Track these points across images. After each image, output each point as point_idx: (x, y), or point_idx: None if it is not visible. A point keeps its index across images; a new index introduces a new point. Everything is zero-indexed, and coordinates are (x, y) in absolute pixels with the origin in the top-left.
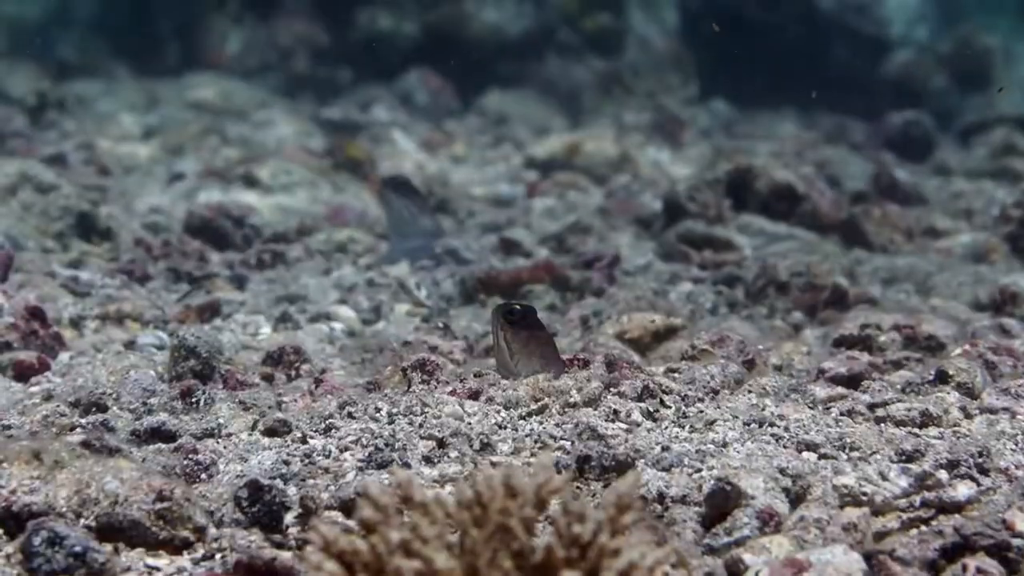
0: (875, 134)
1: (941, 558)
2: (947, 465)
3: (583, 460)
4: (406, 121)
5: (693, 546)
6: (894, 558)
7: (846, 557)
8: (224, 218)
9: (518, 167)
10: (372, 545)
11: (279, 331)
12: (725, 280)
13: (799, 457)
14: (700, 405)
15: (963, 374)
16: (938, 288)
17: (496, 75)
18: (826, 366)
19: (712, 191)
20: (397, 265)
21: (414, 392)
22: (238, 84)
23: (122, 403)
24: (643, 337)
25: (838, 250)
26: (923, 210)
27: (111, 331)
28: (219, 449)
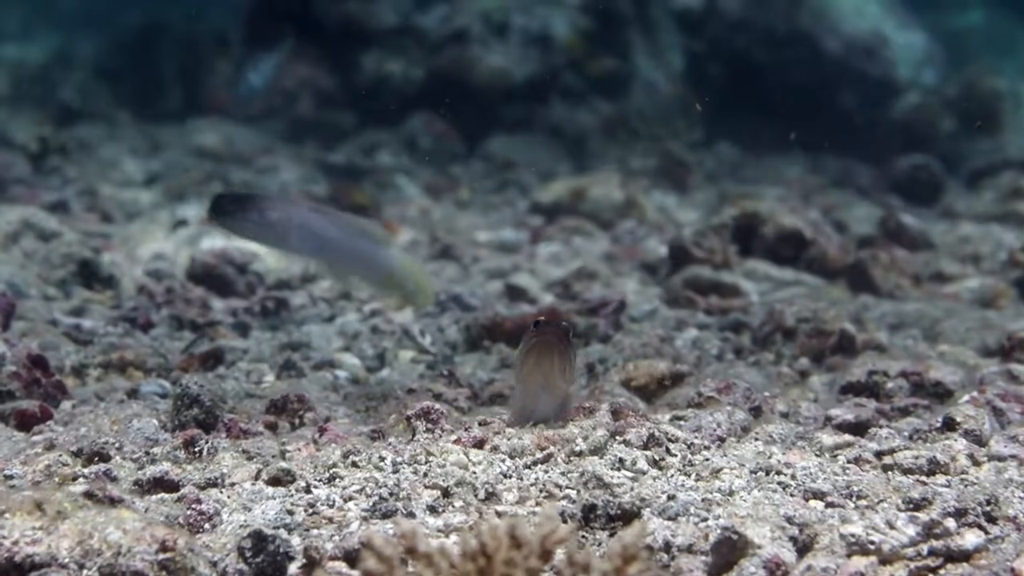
0: (882, 178)
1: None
2: (955, 513)
3: (589, 509)
4: (410, 166)
5: None
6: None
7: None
8: (227, 265)
9: (523, 212)
10: None
11: (283, 379)
12: (731, 326)
13: (806, 505)
14: (706, 453)
15: (971, 421)
16: (946, 334)
17: (501, 119)
18: (833, 413)
19: (718, 236)
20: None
21: (418, 441)
22: (241, 129)
23: (125, 452)
24: (649, 384)
25: (845, 296)
26: (930, 255)
27: (114, 379)
28: (222, 499)
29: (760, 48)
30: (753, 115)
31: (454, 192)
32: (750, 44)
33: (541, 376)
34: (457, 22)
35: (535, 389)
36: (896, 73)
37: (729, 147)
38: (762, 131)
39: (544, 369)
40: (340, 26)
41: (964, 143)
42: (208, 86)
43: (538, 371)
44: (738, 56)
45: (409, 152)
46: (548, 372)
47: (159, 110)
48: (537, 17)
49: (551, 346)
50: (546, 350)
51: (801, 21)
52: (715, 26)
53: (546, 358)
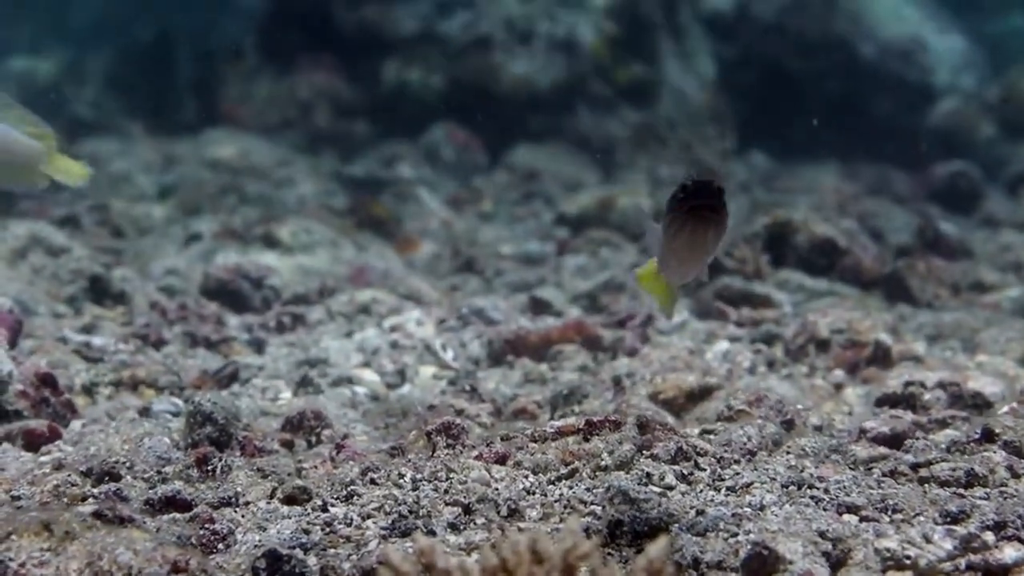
0: (920, 186)
1: None
2: (994, 526)
3: (614, 525)
4: (432, 178)
5: None
6: None
7: None
8: (242, 280)
9: (548, 224)
10: None
11: (299, 396)
12: (763, 338)
13: (839, 520)
14: (736, 467)
15: (1010, 432)
16: (985, 344)
17: (525, 129)
18: (868, 425)
19: (750, 246)
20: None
21: (439, 457)
22: (257, 141)
23: (136, 472)
24: (678, 398)
25: (881, 306)
26: (969, 264)
27: (125, 398)
28: (236, 518)
29: (794, 54)
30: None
31: (477, 204)
32: (783, 50)
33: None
34: (480, 28)
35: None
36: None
37: (762, 155)
38: (796, 139)
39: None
40: (358, 34)
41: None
42: (223, 97)
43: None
44: (771, 62)
45: (431, 163)
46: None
47: (173, 122)
48: (562, 23)
49: (707, 222)
50: (701, 228)
51: (836, 26)
52: (747, 31)
53: (700, 235)
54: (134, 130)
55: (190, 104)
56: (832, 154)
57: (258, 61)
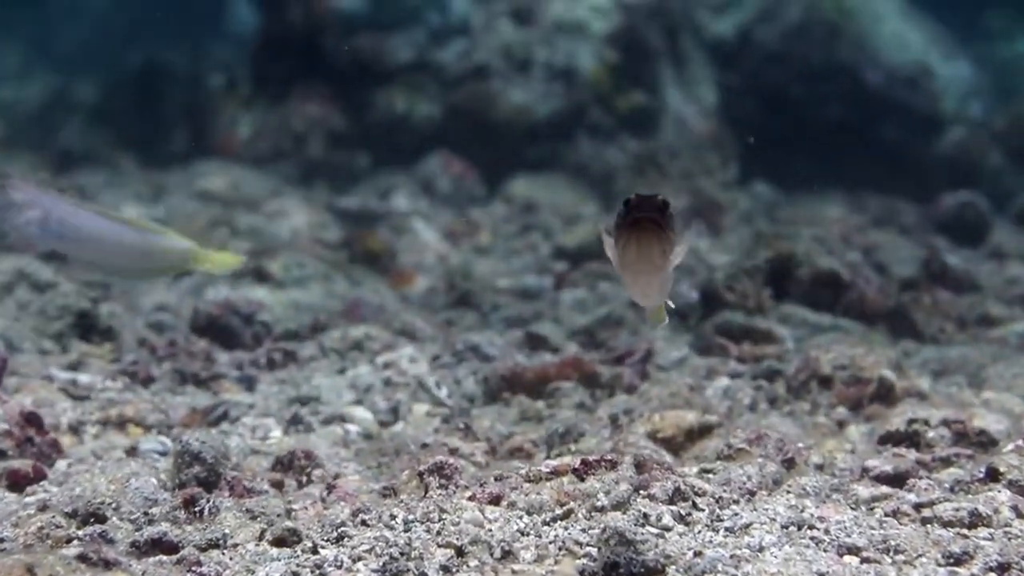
0: (927, 217)
1: None
2: (997, 568)
3: (610, 567)
4: (427, 209)
5: None
6: None
7: None
8: (232, 315)
9: (546, 257)
10: None
11: (290, 434)
12: (765, 374)
13: (840, 561)
14: (735, 507)
15: (1015, 471)
16: (992, 380)
17: (523, 159)
18: (870, 464)
19: (751, 280)
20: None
21: (431, 498)
22: (249, 172)
23: (122, 513)
24: (676, 436)
25: (885, 341)
26: (976, 297)
27: (112, 437)
28: (224, 560)
29: (797, 81)
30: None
31: (474, 236)
32: (787, 77)
33: (641, 264)
34: (476, 57)
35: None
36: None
37: (765, 186)
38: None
39: (644, 259)
40: (352, 63)
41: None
42: (214, 128)
43: (640, 263)
44: (774, 90)
45: (426, 194)
46: (648, 261)
47: (163, 154)
48: (561, 50)
49: (650, 234)
50: (645, 240)
51: (840, 53)
52: (750, 59)
53: (644, 247)
54: (123, 162)
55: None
56: (837, 184)
57: (250, 91)
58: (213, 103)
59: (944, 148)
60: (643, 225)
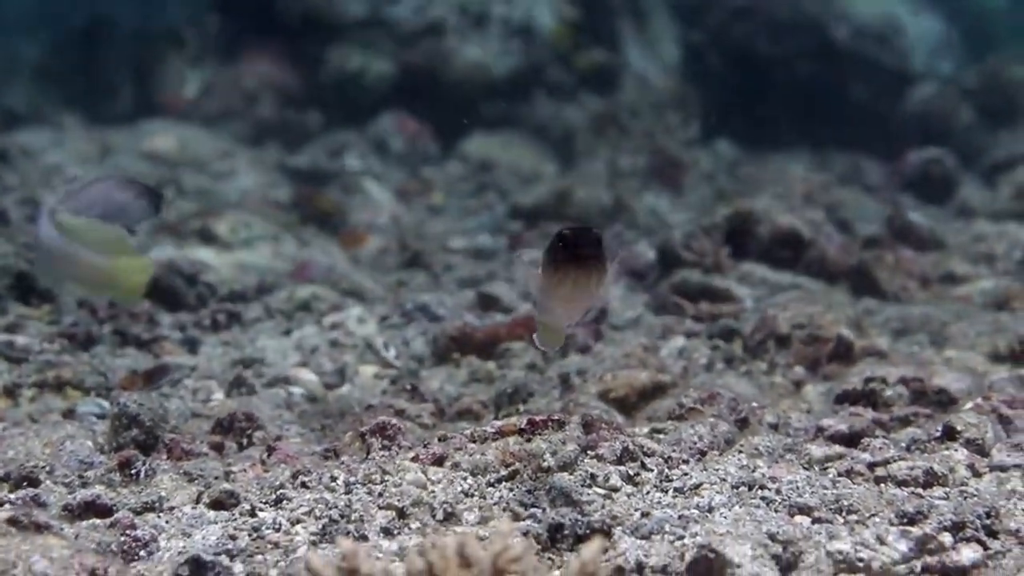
0: (893, 174)
1: None
2: (952, 527)
3: (555, 529)
4: (380, 169)
5: None
6: None
7: None
8: (176, 276)
9: (502, 217)
10: None
11: (233, 397)
12: (721, 334)
13: (791, 521)
14: (685, 468)
15: (972, 430)
16: (954, 338)
17: (480, 117)
18: (825, 424)
19: (709, 238)
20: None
21: (373, 459)
22: (197, 131)
23: (56, 476)
24: (629, 396)
25: (847, 299)
26: (940, 255)
27: (49, 399)
28: (160, 523)
29: (763, 37)
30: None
31: (427, 196)
32: (752, 33)
33: (574, 298)
34: (431, 13)
35: (570, 309)
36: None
37: (728, 144)
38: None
39: (579, 292)
40: (303, 19)
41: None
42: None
43: (575, 297)
44: (739, 46)
45: (379, 154)
46: (584, 295)
47: (109, 113)
48: (519, 6)
49: (589, 270)
50: (583, 275)
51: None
52: (714, 14)
53: (581, 282)
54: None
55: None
56: (803, 142)
57: (199, 49)
58: (160, 61)
59: (913, 105)
60: (582, 261)
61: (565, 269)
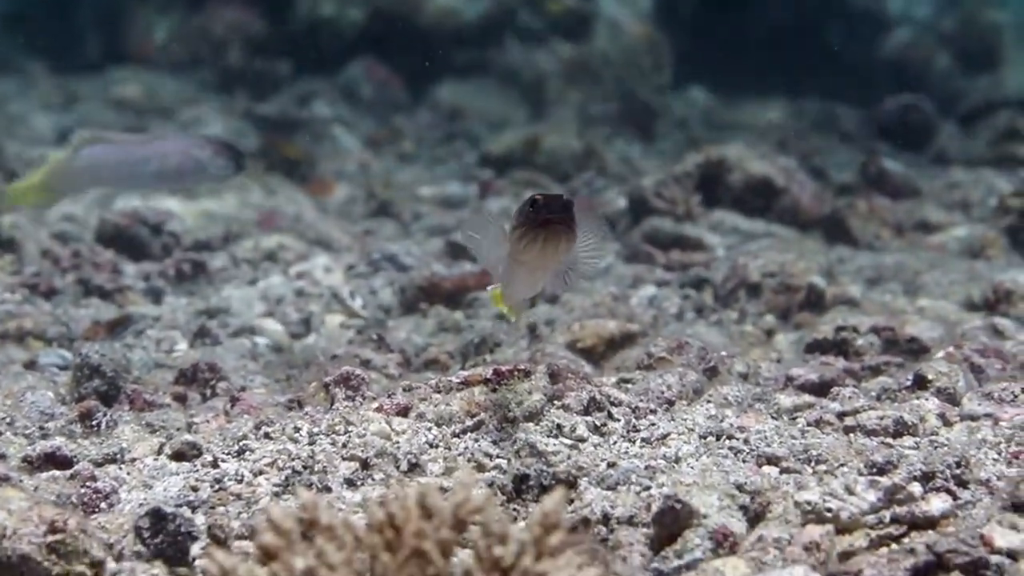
0: (869, 121)
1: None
2: (921, 477)
3: (520, 480)
4: (349, 117)
5: (640, 571)
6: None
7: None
8: (140, 225)
9: (471, 165)
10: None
11: (196, 347)
12: (692, 282)
13: (759, 472)
14: (652, 418)
15: (943, 378)
16: (927, 287)
17: (450, 64)
18: (795, 373)
19: (681, 186)
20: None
21: (337, 410)
22: (165, 79)
23: (16, 428)
24: (597, 346)
25: (819, 248)
26: (915, 202)
27: (10, 350)
28: (121, 475)
29: None
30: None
31: (397, 144)
32: None
33: (546, 261)
34: None
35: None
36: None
37: (701, 91)
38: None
39: (549, 255)
40: None
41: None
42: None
43: (542, 257)
44: None
45: (348, 101)
46: (553, 256)
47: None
48: None
49: (559, 234)
50: (553, 237)
51: None
52: None
53: (552, 245)
54: (34, 69)
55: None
56: (778, 88)
57: None
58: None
59: (889, 51)
60: (553, 226)
61: (535, 232)
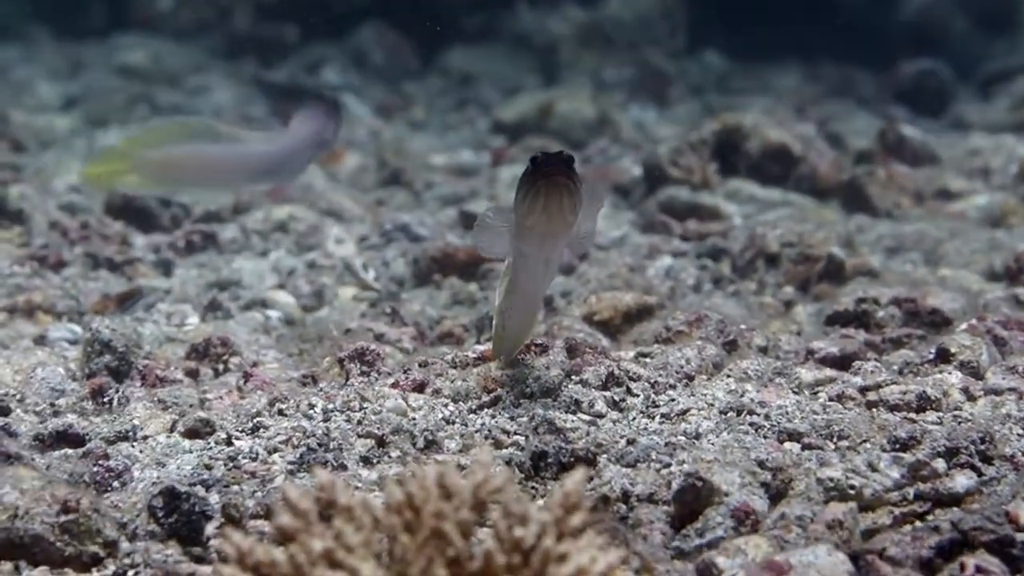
0: (886, 86)
1: (937, 556)
2: (945, 453)
3: (539, 457)
4: (359, 83)
5: (661, 549)
6: (884, 558)
7: (831, 558)
8: (149, 196)
9: (484, 132)
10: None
11: (208, 321)
12: (709, 253)
13: (780, 448)
14: (672, 393)
15: (967, 352)
16: (948, 257)
17: (461, 29)
18: (816, 346)
19: (697, 154)
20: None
21: (352, 385)
22: (171, 46)
23: (27, 405)
24: (614, 319)
25: (838, 216)
26: (935, 170)
27: (19, 325)
28: (133, 453)
29: None
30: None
31: (408, 111)
32: None
33: (551, 222)
34: None
35: (548, 233)
36: None
37: (716, 55)
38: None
39: (554, 213)
40: None
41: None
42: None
43: (548, 216)
44: None
45: (358, 68)
46: (559, 215)
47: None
48: None
49: (562, 186)
50: (555, 191)
51: None
52: None
53: (555, 200)
54: (39, 35)
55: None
56: (794, 53)
57: None
58: None
59: (906, 13)
60: (556, 179)
61: (537, 187)
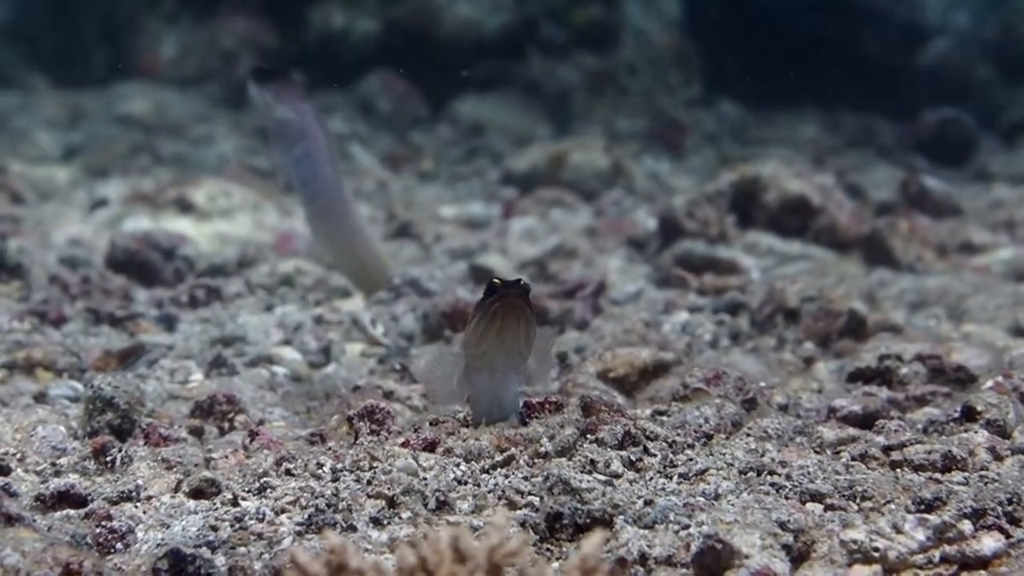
0: (907, 136)
1: None
2: (972, 515)
3: (554, 518)
4: (366, 132)
5: None
6: None
7: None
8: (152, 250)
9: (494, 183)
10: None
11: (212, 378)
12: (727, 308)
13: (802, 509)
14: (690, 452)
15: (993, 410)
16: (972, 312)
17: (471, 78)
18: (838, 404)
19: (714, 206)
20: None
21: (362, 444)
22: (173, 94)
23: (27, 464)
24: (629, 375)
25: (859, 270)
26: (958, 222)
27: (19, 382)
28: (137, 514)
29: None
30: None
31: (416, 162)
32: None
33: (505, 350)
34: None
35: (501, 365)
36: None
37: (732, 104)
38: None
39: (509, 340)
40: None
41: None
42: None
43: (502, 343)
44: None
45: (365, 117)
46: (514, 343)
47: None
48: None
49: (518, 310)
50: (511, 315)
51: None
52: None
53: (510, 325)
54: (38, 83)
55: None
56: (811, 101)
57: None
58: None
59: (927, 61)
60: (512, 302)
61: (494, 313)
